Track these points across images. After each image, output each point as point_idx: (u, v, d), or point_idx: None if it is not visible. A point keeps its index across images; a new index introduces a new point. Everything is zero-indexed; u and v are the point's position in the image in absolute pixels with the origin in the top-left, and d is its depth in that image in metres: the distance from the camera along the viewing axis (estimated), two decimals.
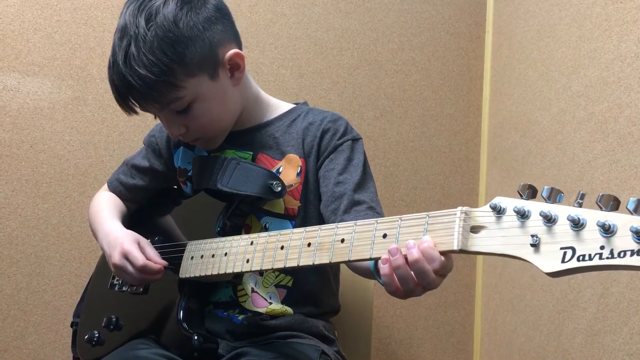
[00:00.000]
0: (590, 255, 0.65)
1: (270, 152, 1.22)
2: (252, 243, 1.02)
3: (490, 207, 0.74)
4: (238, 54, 1.15)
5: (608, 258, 0.64)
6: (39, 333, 1.65)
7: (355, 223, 0.88)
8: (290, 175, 1.19)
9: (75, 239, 1.69)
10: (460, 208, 0.77)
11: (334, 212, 1.13)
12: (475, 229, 0.76)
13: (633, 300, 1.43)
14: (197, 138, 1.20)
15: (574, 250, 0.67)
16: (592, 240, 0.66)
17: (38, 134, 1.67)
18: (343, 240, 0.88)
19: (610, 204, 0.66)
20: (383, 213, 1.12)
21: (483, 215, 0.75)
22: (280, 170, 1.19)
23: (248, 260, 1.01)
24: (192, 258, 1.12)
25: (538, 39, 1.84)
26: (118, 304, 1.26)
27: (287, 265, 0.95)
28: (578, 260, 0.66)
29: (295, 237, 0.95)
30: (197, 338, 1.08)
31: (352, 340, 1.45)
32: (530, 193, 0.73)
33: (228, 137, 1.23)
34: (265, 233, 1.01)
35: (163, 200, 1.35)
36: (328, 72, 1.93)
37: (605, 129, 1.54)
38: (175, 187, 1.35)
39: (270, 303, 1.17)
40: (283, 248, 0.96)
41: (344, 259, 0.88)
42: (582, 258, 0.66)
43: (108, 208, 1.30)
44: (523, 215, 0.71)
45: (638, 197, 0.64)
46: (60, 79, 1.70)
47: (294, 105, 1.30)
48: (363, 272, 1.05)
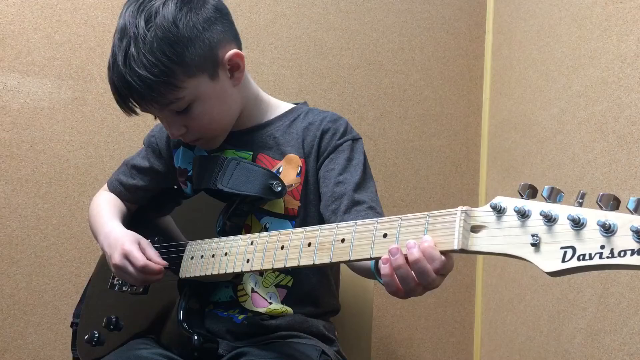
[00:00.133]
0: (591, 255, 0.65)
1: (270, 152, 1.22)
2: (252, 243, 1.02)
3: (491, 206, 0.75)
4: (238, 54, 1.15)
5: (608, 257, 0.64)
6: (39, 333, 1.65)
7: (356, 223, 0.88)
8: (290, 175, 1.19)
9: (75, 239, 1.69)
10: (461, 208, 0.77)
11: (334, 212, 1.13)
12: (476, 229, 0.76)
13: (633, 300, 1.43)
14: (197, 138, 1.19)
15: (574, 250, 0.67)
16: (592, 240, 0.66)
17: (38, 134, 1.67)
18: (343, 240, 0.88)
19: (611, 204, 0.66)
20: (383, 213, 1.12)
21: (483, 215, 0.76)
22: (280, 170, 1.19)
23: (248, 260, 1.01)
24: (192, 258, 1.12)
25: (538, 39, 1.84)
26: (118, 304, 1.25)
27: (287, 265, 0.95)
28: (578, 260, 0.66)
29: (296, 237, 0.95)
30: (197, 338, 1.07)
31: (352, 340, 1.44)
32: (531, 193, 0.73)
33: (228, 137, 1.23)
34: (266, 233, 1.01)
35: (163, 201, 1.35)
36: (328, 72, 1.93)
37: (605, 129, 1.54)
38: (175, 187, 1.35)
39: (271, 303, 1.17)
40: (283, 248, 0.96)
41: (345, 259, 0.88)
42: (582, 257, 0.66)
43: (108, 208, 1.30)
44: (523, 215, 0.71)
45: (638, 196, 0.64)
46: (60, 79, 1.70)
47: (294, 105, 1.29)
48: (363, 272, 1.05)
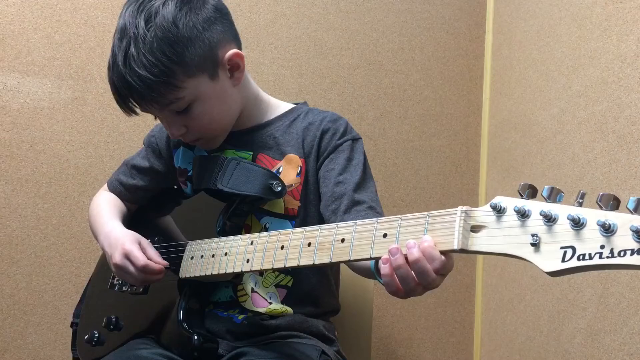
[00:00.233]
0: (591, 255, 0.65)
1: (270, 152, 1.22)
2: (252, 243, 1.01)
3: (491, 206, 0.74)
4: (238, 54, 1.15)
5: (608, 257, 0.64)
6: (39, 333, 1.65)
7: (356, 223, 0.88)
8: (290, 175, 1.19)
9: (75, 239, 1.69)
10: (461, 207, 0.77)
11: (334, 212, 1.13)
12: (476, 229, 0.76)
13: (633, 300, 1.43)
14: (197, 138, 1.19)
15: (574, 250, 0.67)
16: (592, 240, 0.66)
17: (38, 134, 1.67)
18: (343, 240, 0.88)
19: (611, 204, 0.66)
20: (383, 213, 1.12)
21: (483, 215, 0.75)
22: (280, 170, 1.19)
23: (248, 260, 1.01)
24: (192, 258, 1.12)
25: (538, 39, 1.83)
26: (118, 304, 1.25)
27: (287, 265, 0.95)
28: (578, 260, 0.66)
29: (296, 237, 0.95)
30: (197, 338, 1.07)
31: (352, 340, 1.44)
32: (531, 193, 0.73)
33: (228, 137, 1.22)
34: (266, 233, 1.01)
35: (163, 201, 1.35)
36: (328, 72, 1.93)
37: (605, 129, 1.54)
38: (175, 187, 1.35)
39: (271, 303, 1.17)
40: (283, 248, 0.96)
41: (344, 259, 0.88)
42: (582, 257, 0.66)
43: (108, 208, 1.30)
44: (523, 215, 0.71)
45: (638, 196, 0.64)
46: (60, 79, 1.70)
47: (294, 105, 1.29)
48: (363, 272, 1.05)
